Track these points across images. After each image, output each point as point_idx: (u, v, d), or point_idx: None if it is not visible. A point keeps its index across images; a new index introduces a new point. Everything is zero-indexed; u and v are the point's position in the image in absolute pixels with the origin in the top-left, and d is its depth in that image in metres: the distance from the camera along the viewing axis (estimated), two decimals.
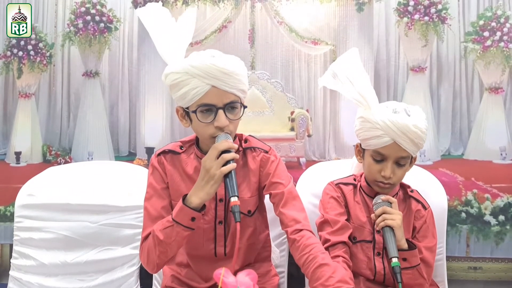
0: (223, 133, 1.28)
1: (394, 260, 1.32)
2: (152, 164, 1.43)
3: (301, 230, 1.32)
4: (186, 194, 1.28)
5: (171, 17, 1.33)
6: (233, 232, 1.43)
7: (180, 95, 1.28)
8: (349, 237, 1.52)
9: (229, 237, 1.44)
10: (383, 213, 1.41)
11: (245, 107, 1.34)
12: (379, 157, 1.46)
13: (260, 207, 1.49)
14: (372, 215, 1.45)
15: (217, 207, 1.42)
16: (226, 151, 1.24)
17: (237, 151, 1.35)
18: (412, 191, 1.59)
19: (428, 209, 1.56)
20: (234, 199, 1.21)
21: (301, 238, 1.30)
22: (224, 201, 1.42)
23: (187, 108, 1.30)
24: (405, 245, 1.40)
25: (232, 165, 1.23)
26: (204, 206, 1.28)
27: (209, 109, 1.27)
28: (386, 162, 1.45)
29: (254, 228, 1.47)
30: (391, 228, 1.39)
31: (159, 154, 1.42)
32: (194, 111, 1.28)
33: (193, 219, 1.26)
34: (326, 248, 1.47)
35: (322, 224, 1.54)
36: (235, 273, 1.38)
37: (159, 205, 1.38)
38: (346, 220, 1.53)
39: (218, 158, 1.24)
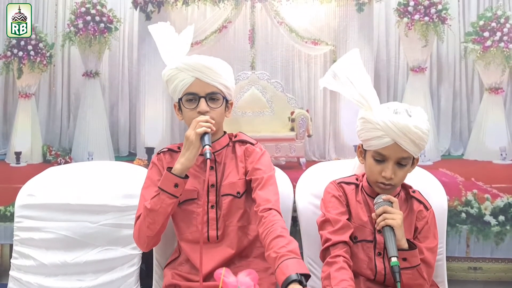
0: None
1: (394, 259, 1.33)
2: (152, 161, 1.64)
3: (270, 209, 1.46)
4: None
5: (174, 32, 1.61)
6: (224, 214, 1.56)
7: (173, 87, 1.55)
8: (350, 237, 1.52)
9: (220, 220, 1.56)
10: (384, 212, 1.42)
11: (226, 99, 1.57)
12: (380, 158, 1.47)
13: (249, 192, 1.60)
14: (373, 215, 1.45)
15: (209, 192, 1.57)
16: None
17: (226, 145, 1.62)
18: (414, 191, 1.59)
19: (430, 209, 1.56)
20: (207, 147, 1.41)
21: (268, 215, 1.44)
22: (215, 187, 1.57)
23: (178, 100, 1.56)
24: (405, 245, 1.40)
25: (205, 129, 1.43)
26: (187, 175, 1.46)
27: (193, 98, 1.52)
28: (387, 163, 1.46)
29: (244, 210, 1.59)
30: (391, 227, 1.39)
31: (159, 153, 1.65)
32: (181, 99, 1.54)
33: (176, 185, 1.44)
34: (327, 248, 1.48)
35: (323, 223, 1.54)
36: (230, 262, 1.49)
37: (155, 193, 1.50)
38: (347, 219, 1.53)
39: None
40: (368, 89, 1.50)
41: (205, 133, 1.44)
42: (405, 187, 1.60)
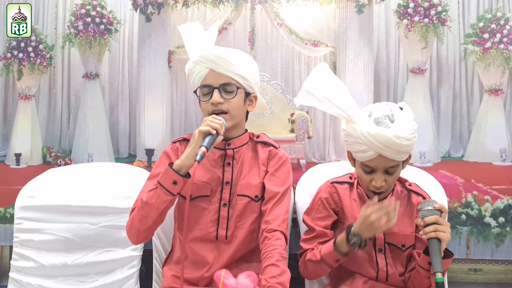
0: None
1: (439, 275, 1.28)
2: (165, 150, 1.59)
3: (275, 230, 1.46)
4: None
5: (202, 30, 1.62)
6: (237, 215, 1.53)
7: (192, 81, 1.54)
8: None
9: (232, 220, 1.53)
10: (435, 222, 1.36)
11: (247, 92, 1.53)
12: (368, 169, 1.46)
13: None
14: (419, 220, 1.39)
15: (223, 190, 1.54)
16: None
17: (246, 143, 1.59)
18: (410, 184, 1.59)
19: None
20: (202, 148, 1.36)
21: (272, 237, 1.44)
22: (230, 185, 1.54)
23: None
24: (441, 254, 1.35)
25: (209, 129, 1.39)
26: (188, 174, 1.41)
27: (208, 91, 1.50)
28: (375, 173, 1.45)
29: (258, 215, 1.55)
30: (439, 240, 1.34)
31: (174, 142, 1.61)
32: (196, 91, 1.53)
33: (174, 182, 1.40)
34: (300, 254, 1.58)
35: (306, 225, 1.62)
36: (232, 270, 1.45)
37: (154, 186, 1.47)
38: (335, 220, 1.57)
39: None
40: (345, 100, 1.47)
41: (209, 133, 1.39)
42: (401, 181, 1.59)
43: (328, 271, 1.52)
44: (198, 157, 1.33)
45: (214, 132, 1.39)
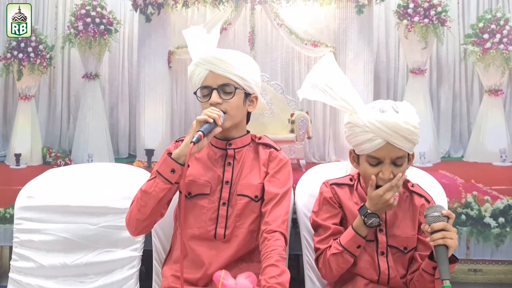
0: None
1: (446, 282, 1.25)
2: (168, 148, 1.59)
3: (275, 231, 1.46)
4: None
5: (205, 33, 1.65)
6: (237, 214, 1.54)
7: (193, 82, 1.56)
8: None
9: (231, 219, 1.53)
10: (443, 229, 1.33)
11: (247, 92, 1.54)
12: (375, 162, 1.44)
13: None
14: (426, 226, 1.37)
15: (223, 189, 1.55)
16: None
17: (248, 145, 1.60)
18: (413, 185, 1.58)
19: (431, 202, 1.55)
20: (199, 132, 1.39)
21: (271, 238, 1.45)
22: (229, 184, 1.55)
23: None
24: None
25: (206, 118, 1.41)
26: (185, 164, 1.41)
27: (208, 92, 1.52)
28: (382, 165, 1.43)
29: (258, 215, 1.55)
30: (447, 247, 1.31)
31: (177, 141, 1.62)
32: (196, 92, 1.56)
33: (173, 171, 1.42)
34: (317, 257, 1.54)
35: (316, 228, 1.58)
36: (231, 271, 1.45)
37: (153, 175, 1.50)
38: (341, 219, 1.55)
39: None
40: (349, 92, 1.47)
41: (206, 122, 1.42)
42: (403, 182, 1.58)
43: (351, 262, 1.48)
44: (194, 139, 1.37)
45: (212, 120, 1.42)
